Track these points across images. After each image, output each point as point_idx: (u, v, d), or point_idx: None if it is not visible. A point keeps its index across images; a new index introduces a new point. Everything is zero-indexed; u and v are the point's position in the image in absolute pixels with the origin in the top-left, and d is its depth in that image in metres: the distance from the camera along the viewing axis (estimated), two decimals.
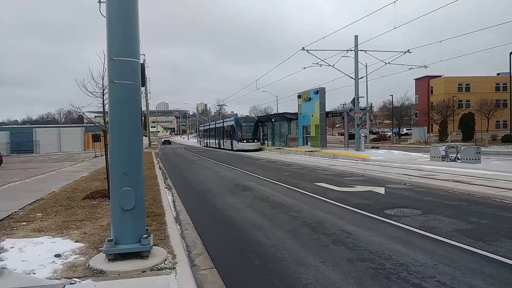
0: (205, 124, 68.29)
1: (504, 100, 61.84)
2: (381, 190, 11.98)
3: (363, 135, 34.32)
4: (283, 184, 14.08)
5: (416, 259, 5.56)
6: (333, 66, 28.53)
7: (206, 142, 61.28)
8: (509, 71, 45.62)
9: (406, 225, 7.53)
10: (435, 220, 7.91)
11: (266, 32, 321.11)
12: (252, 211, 9.42)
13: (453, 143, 27.28)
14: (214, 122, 57.49)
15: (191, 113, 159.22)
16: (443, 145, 22.55)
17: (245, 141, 40.45)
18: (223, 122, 49.41)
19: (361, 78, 29.57)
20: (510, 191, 10.43)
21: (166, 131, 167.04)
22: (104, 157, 10.74)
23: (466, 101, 65.77)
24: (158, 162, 27.54)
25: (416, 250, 5.95)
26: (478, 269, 5.08)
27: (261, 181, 15.47)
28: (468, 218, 8.01)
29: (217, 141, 51.84)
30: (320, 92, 32.89)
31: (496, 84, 68.45)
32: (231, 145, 42.94)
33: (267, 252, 6.16)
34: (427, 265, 5.28)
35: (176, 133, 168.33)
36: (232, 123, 43.18)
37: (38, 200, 10.55)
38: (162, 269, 4.98)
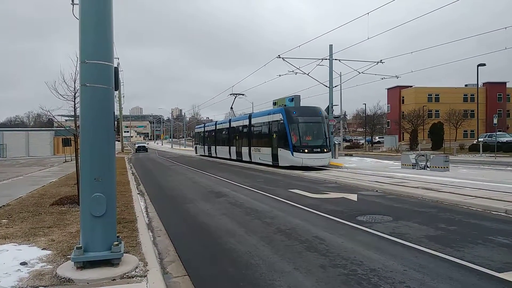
0: (207, 124, 45.87)
1: (471, 111, 64.13)
2: (353, 197, 12.16)
3: (337, 142, 34.76)
4: (257, 191, 14.08)
5: (386, 264, 5.66)
6: (308, 74, 28.90)
7: (209, 150, 41.14)
8: (476, 83, 47.43)
9: (378, 231, 7.67)
10: (405, 226, 8.09)
11: (243, 37, 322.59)
12: (226, 218, 9.37)
13: (423, 152, 28.00)
14: (227, 120, 36.68)
15: (165, 118, 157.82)
16: (414, 153, 23.14)
17: (306, 150, 21.88)
18: (249, 117, 29.63)
19: (335, 86, 30.08)
20: (477, 198, 10.79)
21: (140, 136, 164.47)
22: (75, 162, 10.47)
23: (436, 111, 67.83)
24: (131, 168, 27.06)
25: (387, 256, 6.06)
26: (446, 275, 5.22)
27: (235, 187, 15.42)
28: (437, 224, 8.23)
29: (236, 149, 31.93)
30: (295, 100, 32.98)
31: (464, 95, 70.99)
32: (274, 156, 24.13)
33: (241, 258, 6.14)
34: (398, 271, 5.39)
35: (150, 138, 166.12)
36: (279, 116, 23.55)
37: (3, 206, 10.16)
38: (132, 277, 4.88)
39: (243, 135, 30.63)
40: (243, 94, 39.92)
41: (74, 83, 9.41)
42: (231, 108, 40.57)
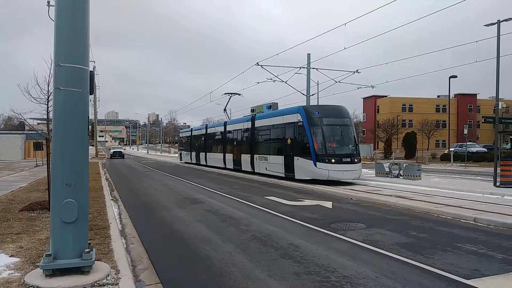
0: (196, 128, 41.27)
1: (443, 121, 66.14)
2: (328, 204, 12.30)
3: None
4: (233, 197, 14.06)
5: (359, 271, 5.74)
6: (286, 82, 29.11)
7: (198, 157, 36.94)
8: (448, 94, 48.94)
9: (351, 238, 7.78)
10: (378, 233, 8.24)
11: (220, 42, 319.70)
12: (201, 225, 9.31)
13: (397, 160, 28.64)
14: (221, 123, 32.45)
15: (142, 123, 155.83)
16: (387, 162, 23.62)
17: (333, 160, 17.67)
18: (252, 118, 25.50)
19: (312, 95, 30.34)
20: (447, 206, 11.10)
21: (115, 141, 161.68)
22: (46, 166, 10.20)
23: (409, 121, 69.57)
24: (105, 173, 26.55)
25: (360, 263, 6.15)
26: (417, 281, 5.34)
27: (211, 194, 15.35)
28: (408, 232, 8.41)
29: (234, 157, 27.98)
30: (273, 107, 33.17)
31: (437, 105, 73.15)
32: (288, 167, 19.88)
33: (215, 266, 6.11)
34: (370, 278, 5.47)
35: (125, 143, 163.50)
36: (297, 117, 19.31)
37: None
38: (104, 285, 4.78)
39: (243, 140, 26.68)
40: (239, 94, 34.81)
41: (48, 86, 9.23)
42: (225, 110, 35.67)
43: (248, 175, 23.94)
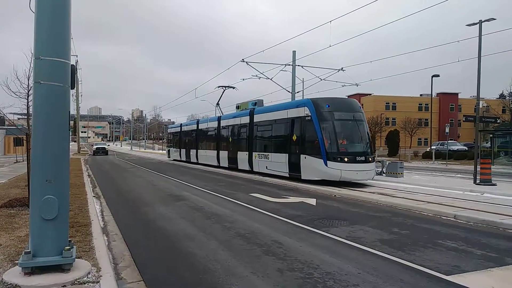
0: (185, 123, 39.32)
1: (425, 119, 67.11)
2: (312, 201, 12.37)
3: None
4: (218, 195, 14.01)
5: (342, 268, 5.79)
6: (271, 79, 29.13)
7: (188, 154, 34.98)
8: (430, 93, 49.71)
9: (334, 235, 7.84)
10: (360, 230, 8.32)
11: (206, 38, 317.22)
12: (186, 222, 9.25)
13: (380, 158, 28.94)
14: (214, 118, 30.33)
15: (125, 119, 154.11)
16: None
17: (346, 159, 15.87)
18: (251, 113, 23.32)
19: (297, 92, 30.49)
20: (429, 203, 11.27)
21: (98, 137, 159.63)
22: (26, 162, 10.00)
23: (393, 119, 70.37)
24: (87, 169, 26.17)
25: (343, 260, 6.20)
26: (398, 277, 5.41)
27: (195, 191, 15.27)
28: (390, 228, 8.52)
29: (229, 154, 25.82)
30: (258, 104, 33.04)
31: (419, 104, 74.17)
32: (294, 166, 18.06)
33: (199, 263, 6.08)
34: (352, 274, 5.52)
35: (108, 139, 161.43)
36: (305, 111, 17.22)
37: None
38: (84, 283, 4.71)
39: (240, 137, 24.54)
40: (233, 87, 32.36)
41: (28, 80, 9.07)
42: (218, 104, 33.17)
43: (234, 172, 23.89)
